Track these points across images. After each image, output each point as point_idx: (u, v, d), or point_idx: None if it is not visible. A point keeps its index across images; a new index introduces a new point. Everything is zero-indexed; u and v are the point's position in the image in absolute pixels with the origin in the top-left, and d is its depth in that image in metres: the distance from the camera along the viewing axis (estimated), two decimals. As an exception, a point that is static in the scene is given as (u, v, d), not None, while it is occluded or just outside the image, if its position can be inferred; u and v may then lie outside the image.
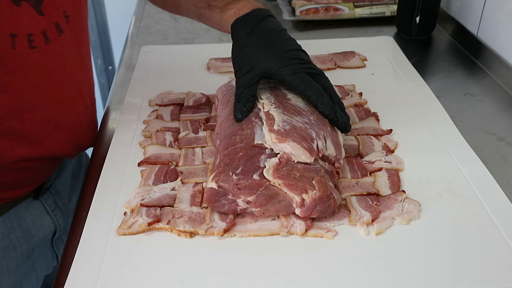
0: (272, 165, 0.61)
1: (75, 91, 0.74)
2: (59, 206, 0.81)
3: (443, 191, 0.67)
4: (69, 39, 0.69)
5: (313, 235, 0.61)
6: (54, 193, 0.81)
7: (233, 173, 0.61)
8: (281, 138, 0.63)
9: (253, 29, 0.71)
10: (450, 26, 1.18)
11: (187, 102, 0.87)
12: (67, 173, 0.85)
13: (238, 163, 0.62)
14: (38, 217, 0.77)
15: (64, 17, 0.68)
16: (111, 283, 0.56)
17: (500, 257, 0.58)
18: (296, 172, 0.61)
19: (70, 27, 0.69)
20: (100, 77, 2.17)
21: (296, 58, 0.69)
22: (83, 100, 0.76)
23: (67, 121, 0.73)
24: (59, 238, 0.82)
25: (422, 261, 0.58)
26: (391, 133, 0.79)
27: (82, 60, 0.75)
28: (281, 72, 0.68)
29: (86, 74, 0.77)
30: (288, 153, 0.62)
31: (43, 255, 0.79)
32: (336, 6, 1.29)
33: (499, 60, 0.99)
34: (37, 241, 0.77)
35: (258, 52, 0.69)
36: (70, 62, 0.71)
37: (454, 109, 0.86)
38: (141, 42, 1.17)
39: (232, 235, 0.61)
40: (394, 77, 0.97)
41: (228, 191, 0.61)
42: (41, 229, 0.78)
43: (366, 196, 0.66)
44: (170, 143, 0.77)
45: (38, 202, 0.78)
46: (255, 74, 0.69)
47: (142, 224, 0.62)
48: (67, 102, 0.72)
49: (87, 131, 0.79)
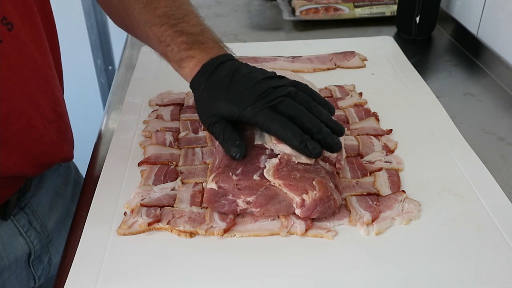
0: (272, 165, 0.61)
1: (28, 105, 0.66)
2: (34, 227, 0.75)
3: (443, 191, 0.67)
4: (12, 48, 0.62)
5: (313, 235, 0.61)
6: (29, 212, 0.75)
7: (233, 173, 0.61)
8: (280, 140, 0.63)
9: (206, 84, 0.68)
10: (450, 26, 1.18)
11: (187, 102, 0.87)
12: (45, 191, 0.78)
13: (238, 164, 0.62)
14: (8, 238, 0.72)
15: (5, 25, 0.61)
16: (111, 283, 0.56)
17: (500, 257, 0.58)
18: (296, 172, 0.61)
19: (13, 35, 0.62)
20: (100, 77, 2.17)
21: (255, 97, 0.64)
22: (41, 114, 0.68)
23: (19, 138, 0.65)
24: (37, 259, 0.77)
25: (422, 261, 0.58)
26: (391, 133, 0.79)
27: (38, 69, 0.68)
28: (242, 117, 0.64)
29: (46, 85, 0.70)
30: (289, 154, 0.62)
31: (15, 277, 0.74)
32: (336, 6, 1.29)
33: (499, 60, 0.99)
34: (6, 264, 0.72)
35: (217, 103, 0.66)
36: (17, 73, 0.64)
37: (454, 109, 0.86)
38: (141, 42, 1.16)
39: (232, 235, 0.61)
40: (394, 77, 0.97)
41: (228, 191, 0.61)
42: (11, 251, 0.72)
43: (366, 196, 0.66)
44: (170, 143, 0.77)
45: (9, 223, 0.72)
46: (222, 125, 0.65)
47: (142, 224, 0.62)
48: (17, 118, 0.65)
49: (51, 146, 0.71)
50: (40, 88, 0.68)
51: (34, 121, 0.67)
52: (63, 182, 0.84)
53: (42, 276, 0.79)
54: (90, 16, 2.00)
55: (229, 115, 0.65)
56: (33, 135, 0.67)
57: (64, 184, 0.84)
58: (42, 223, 0.77)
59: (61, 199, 0.82)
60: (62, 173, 0.84)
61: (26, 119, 0.66)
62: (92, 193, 0.68)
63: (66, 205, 0.82)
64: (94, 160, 0.79)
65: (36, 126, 0.68)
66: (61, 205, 0.81)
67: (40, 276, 0.78)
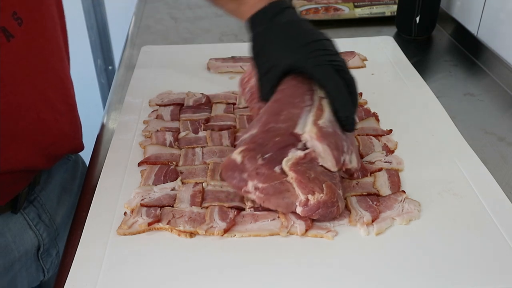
0: (295, 157, 0.61)
1: (38, 98, 0.67)
2: (43, 220, 0.77)
3: (443, 191, 0.67)
4: (23, 43, 0.63)
5: (313, 235, 0.61)
6: (38, 206, 0.76)
7: (261, 157, 0.61)
8: (320, 137, 0.62)
9: (269, 24, 0.68)
10: (450, 26, 1.18)
11: (187, 102, 0.87)
12: (53, 185, 0.80)
13: (270, 148, 0.62)
14: (18, 231, 0.73)
15: (15, 20, 0.61)
16: (111, 283, 0.56)
17: (500, 257, 0.58)
18: (312, 172, 0.61)
19: (24, 30, 0.63)
20: (100, 77, 2.17)
21: (319, 49, 0.65)
22: (51, 107, 0.70)
23: (29, 131, 0.67)
24: (45, 252, 0.78)
25: (422, 261, 0.58)
26: (391, 133, 0.79)
27: (48, 63, 0.69)
28: (304, 66, 0.64)
29: (56, 78, 0.71)
30: (317, 154, 0.62)
31: (25, 270, 0.76)
32: (336, 6, 1.29)
33: (499, 60, 0.99)
34: (16, 256, 0.74)
35: (277, 49, 0.66)
36: (27, 68, 0.65)
37: (454, 109, 0.86)
38: (141, 42, 1.16)
39: (232, 235, 0.61)
40: (394, 77, 0.97)
41: (246, 170, 0.61)
42: (21, 244, 0.74)
43: (366, 196, 0.66)
44: (170, 143, 0.77)
45: (19, 216, 0.73)
46: (276, 73, 0.66)
47: (142, 224, 0.62)
48: (27, 111, 0.66)
49: (61, 139, 0.73)
50: (50, 82, 0.69)
51: (44, 114, 0.68)
52: (70, 177, 0.85)
53: (51, 269, 0.80)
54: (90, 16, 2.00)
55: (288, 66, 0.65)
56: (42, 128, 0.68)
57: (72, 179, 0.85)
58: (50, 217, 0.79)
59: (68, 193, 0.84)
60: (70, 168, 0.85)
61: (35, 113, 0.67)
62: (92, 193, 0.68)
63: (73, 200, 0.83)
64: (94, 160, 0.79)
65: (46, 119, 0.69)
66: (68, 199, 0.83)
67: (49, 269, 0.80)
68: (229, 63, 1.00)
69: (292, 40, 0.66)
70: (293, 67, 0.65)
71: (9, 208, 0.72)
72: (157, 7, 1.38)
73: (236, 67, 0.99)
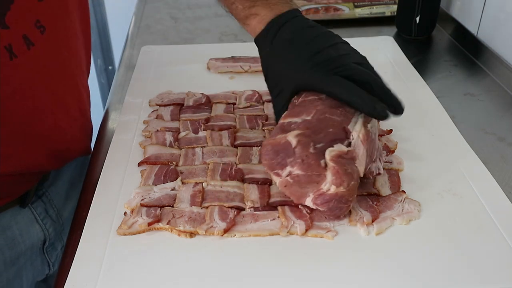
0: (340, 150, 0.60)
1: (55, 105, 0.69)
2: (50, 215, 0.79)
3: (443, 191, 0.67)
4: (43, 51, 0.64)
5: (313, 235, 0.61)
6: (46, 201, 0.78)
7: (314, 145, 0.60)
8: (365, 140, 0.62)
9: (270, 46, 0.68)
10: (450, 26, 1.18)
11: (187, 102, 0.87)
12: (62, 181, 0.82)
13: (322, 138, 0.61)
14: (25, 225, 0.75)
15: (38, 28, 0.62)
16: (111, 283, 0.56)
17: (500, 257, 0.58)
18: (349, 169, 0.60)
19: (46, 38, 0.63)
20: (100, 77, 2.17)
21: (322, 62, 0.64)
22: (67, 113, 0.71)
23: (44, 137, 0.68)
24: (50, 246, 0.80)
25: (422, 261, 0.58)
26: (391, 133, 0.79)
27: (67, 70, 0.70)
28: (311, 84, 0.64)
29: (73, 85, 0.72)
30: (357, 154, 0.62)
31: (30, 263, 0.77)
32: (336, 6, 1.29)
33: (499, 60, 0.99)
34: (23, 249, 0.75)
35: (280, 72, 0.66)
36: (46, 75, 0.66)
37: (454, 109, 0.86)
38: (141, 42, 1.16)
39: (232, 235, 0.61)
40: (394, 77, 0.97)
41: (293, 155, 0.60)
42: (28, 237, 0.75)
43: (366, 196, 0.66)
44: (170, 143, 0.77)
45: (27, 210, 0.75)
46: (286, 94, 0.66)
47: (142, 224, 0.62)
48: (44, 117, 0.67)
49: (73, 142, 0.75)
50: (68, 89, 0.71)
51: (60, 121, 0.70)
52: (79, 173, 0.86)
53: (56, 263, 0.81)
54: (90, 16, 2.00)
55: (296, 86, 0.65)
56: (57, 134, 0.70)
57: (80, 175, 0.86)
58: (58, 212, 0.80)
59: (76, 189, 0.84)
60: (79, 165, 0.86)
61: (52, 119, 0.69)
62: (92, 193, 0.68)
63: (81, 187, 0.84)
64: (94, 160, 0.79)
65: (62, 125, 0.71)
66: (76, 195, 0.83)
67: (54, 263, 0.81)
68: (229, 63, 1.00)
69: (293, 60, 0.66)
70: (299, 88, 0.66)
71: (17, 202, 0.73)
72: (157, 7, 1.38)
73: (236, 67, 0.99)
